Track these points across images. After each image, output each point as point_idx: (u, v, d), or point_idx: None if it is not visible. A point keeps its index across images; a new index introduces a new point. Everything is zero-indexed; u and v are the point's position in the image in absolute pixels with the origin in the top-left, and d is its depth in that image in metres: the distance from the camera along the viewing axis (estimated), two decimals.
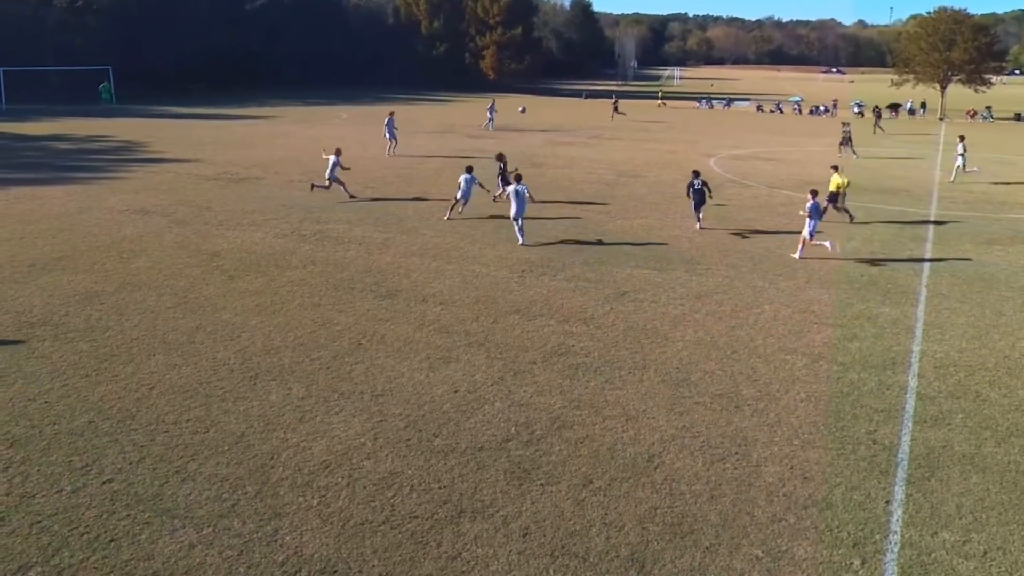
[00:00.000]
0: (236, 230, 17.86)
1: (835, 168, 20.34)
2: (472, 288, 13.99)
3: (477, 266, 15.38)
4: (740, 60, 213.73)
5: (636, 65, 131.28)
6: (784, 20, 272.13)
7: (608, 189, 24.20)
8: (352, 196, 21.43)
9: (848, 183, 20.26)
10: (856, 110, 59.24)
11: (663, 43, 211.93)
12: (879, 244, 17.85)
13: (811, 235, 16.30)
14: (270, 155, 29.90)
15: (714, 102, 71.23)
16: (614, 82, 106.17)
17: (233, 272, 14.64)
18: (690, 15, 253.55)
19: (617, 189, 24.27)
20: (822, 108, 64.49)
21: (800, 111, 65.26)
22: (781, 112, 64.90)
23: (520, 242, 16.91)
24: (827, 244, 16.39)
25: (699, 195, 19.20)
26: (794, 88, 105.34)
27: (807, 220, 16.30)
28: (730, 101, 70.43)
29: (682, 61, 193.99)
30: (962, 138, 27.71)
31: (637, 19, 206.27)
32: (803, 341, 11.89)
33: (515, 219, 16.98)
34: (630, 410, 9.54)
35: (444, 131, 40.50)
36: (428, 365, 10.67)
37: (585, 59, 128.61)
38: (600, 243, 17.35)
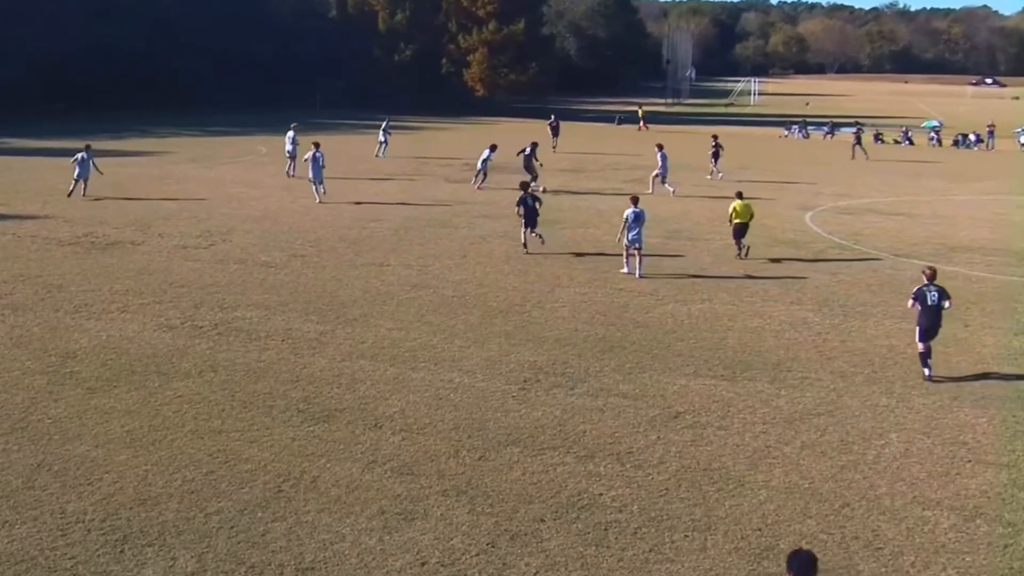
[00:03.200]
0: (101, 320, 18.15)
1: (740, 195, 25.25)
2: (449, 407, 14.13)
3: (457, 373, 15.55)
4: (848, 67, 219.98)
5: (693, 75, 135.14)
6: (913, 8, 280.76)
7: (653, 258, 24.63)
8: None
9: (751, 215, 25.01)
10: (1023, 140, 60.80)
11: (734, 43, 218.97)
12: None
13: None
14: (154, 209, 30.59)
15: (810, 128, 73.07)
16: (661, 100, 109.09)
17: (95, 383, 14.81)
18: (773, 2, 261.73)
19: (666, 256, 24.72)
20: (972, 137, 66.08)
21: (939, 142, 66.91)
22: (911, 143, 66.57)
23: (624, 270, 22.27)
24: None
25: (531, 213, 23.64)
26: (929, 108, 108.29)
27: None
28: (834, 127, 72.33)
29: (762, 69, 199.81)
30: None
31: (695, 8, 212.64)
32: (950, 489, 11.96)
33: (634, 244, 22.00)
34: None
35: (413, 173, 41.46)
36: (382, 524, 10.71)
37: (619, 66, 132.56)
38: (641, 338, 17.63)
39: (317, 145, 32.87)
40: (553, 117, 55.34)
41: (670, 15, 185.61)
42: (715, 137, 44.01)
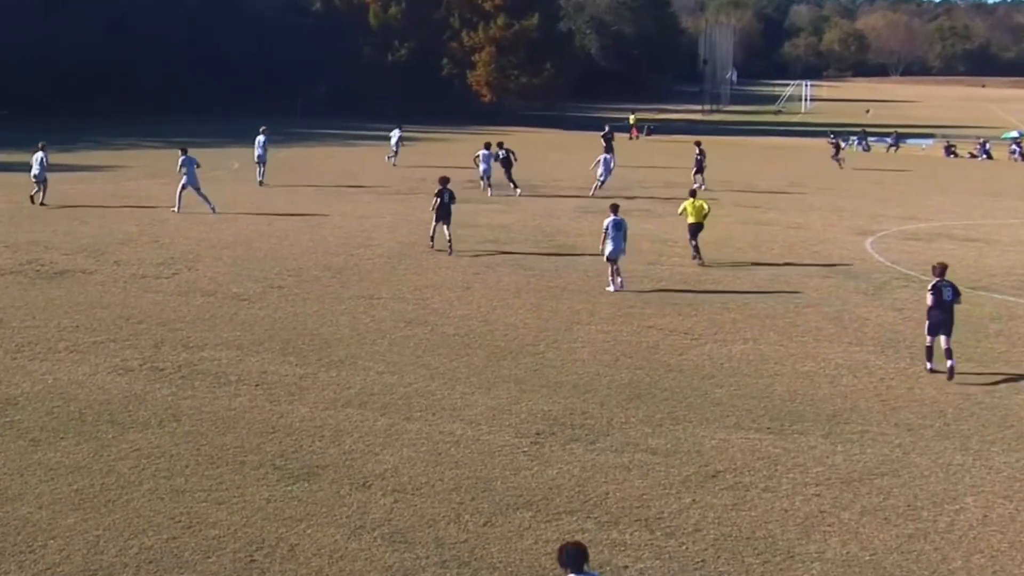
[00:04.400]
0: (47, 361, 18.21)
1: (693, 194, 28.93)
2: (449, 464, 14.12)
3: (458, 425, 15.56)
4: (915, 68, 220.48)
5: (735, 78, 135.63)
6: (991, 1, 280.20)
7: (687, 289, 24.71)
8: None
9: (704, 214, 27.67)
10: None
11: (782, 41, 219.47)
12: None
13: None
14: (109, 232, 30.80)
15: (871, 141, 73.19)
16: (697, 107, 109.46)
17: (38, 434, 14.85)
18: None
19: (703, 292, 24.78)
20: None
21: (1022, 156, 66.93)
22: (988, 157, 66.65)
23: (610, 288, 23.85)
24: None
25: (445, 209, 27.24)
26: (1011, 116, 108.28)
27: None
28: (898, 139, 72.56)
29: (814, 71, 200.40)
30: None
31: (737, 0, 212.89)
32: None
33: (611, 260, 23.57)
34: None
35: (408, 191, 41.60)
36: None
37: (648, 68, 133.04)
38: (674, 384, 17.63)
39: (184, 150, 34.50)
40: (608, 128, 56.07)
41: (707, 8, 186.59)
42: (698, 144, 45.46)
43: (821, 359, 19.38)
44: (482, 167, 41.16)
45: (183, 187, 33.87)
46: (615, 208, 24.78)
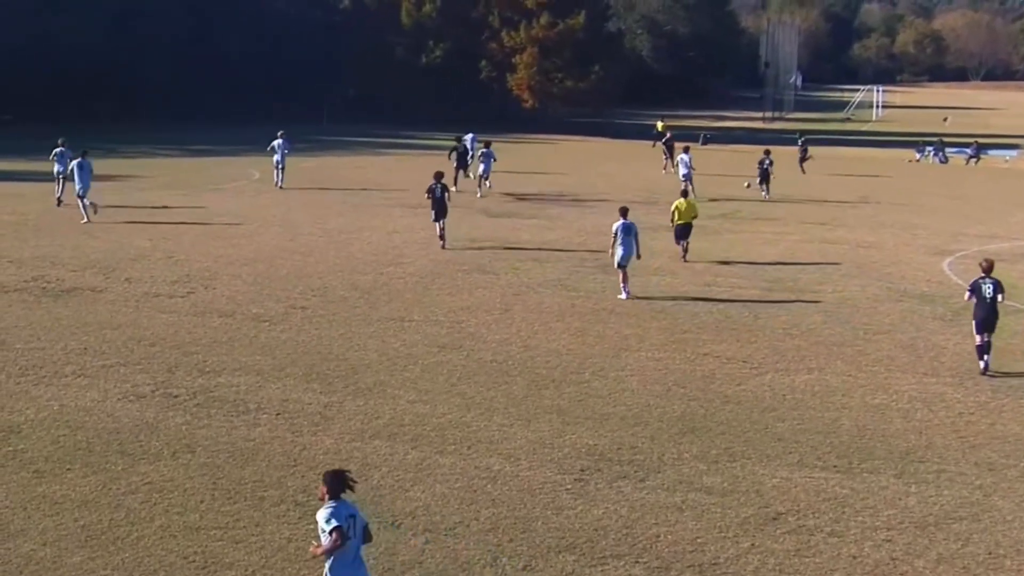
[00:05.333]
0: (52, 386, 18.38)
1: (684, 194, 31.45)
2: (485, 502, 14.12)
3: (496, 459, 15.57)
4: (998, 73, 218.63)
5: (800, 82, 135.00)
6: None
7: (747, 313, 24.61)
8: None
9: (694, 215, 30.68)
10: None
11: (851, 42, 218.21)
12: None
13: None
14: (119, 247, 31.14)
15: (949, 152, 72.63)
16: (758, 114, 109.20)
17: (43, 465, 14.97)
18: None
19: (765, 314, 24.68)
20: None
21: None
22: None
23: (623, 296, 25.10)
24: None
25: (439, 204, 29.89)
26: None
27: None
28: (979, 150, 71.96)
29: (887, 75, 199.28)
30: None
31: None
32: None
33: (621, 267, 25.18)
34: None
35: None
36: None
37: (705, 71, 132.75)
38: (731, 417, 17.54)
39: (85, 153, 35.49)
40: (669, 135, 57.33)
41: (770, 6, 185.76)
42: (767, 152, 47.14)
43: (893, 391, 19.22)
44: (482, 167, 44.72)
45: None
46: (624, 211, 26.16)
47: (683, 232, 30.56)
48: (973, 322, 20.49)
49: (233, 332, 21.89)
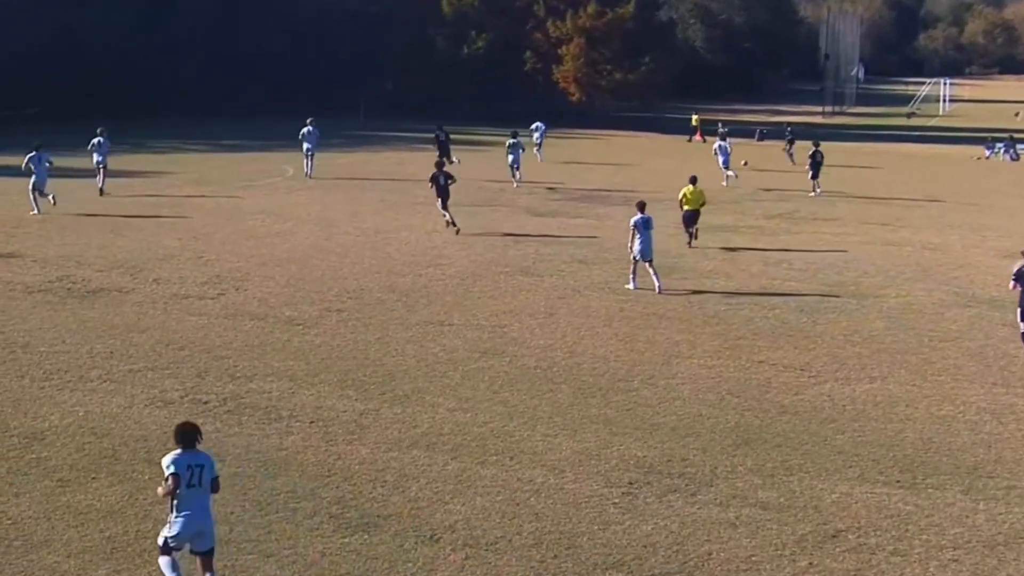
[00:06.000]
0: (77, 391, 18.53)
1: (694, 180, 32.71)
2: (528, 516, 14.15)
3: (539, 471, 15.61)
4: None
5: (862, 75, 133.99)
6: None
7: (805, 319, 24.58)
8: None
9: (702, 201, 32.62)
10: None
11: (916, 32, 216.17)
12: None
13: None
14: (148, 246, 31.38)
15: (1020, 148, 71.94)
16: (817, 108, 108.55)
17: (67, 473, 15.11)
18: None
19: (824, 319, 24.62)
20: None
21: None
22: None
23: (630, 286, 26.26)
24: None
25: (442, 191, 31.28)
26: None
27: None
28: None
29: (955, 67, 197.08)
30: None
31: None
32: None
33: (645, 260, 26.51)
34: None
35: (484, 203, 41.76)
36: None
37: (761, 63, 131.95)
38: (788, 428, 17.53)
39: (39, 147, 36.03)
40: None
41: None
42: (816, 144, 47.99)
43: (960, 402, 19.13)
44: (510, 157, 46.92)
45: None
46: (642, 205, 27.50)
47: (691, 218, 32.51)
48: (1018, 309, 21.44)
49: (265, 336, 22.07)
